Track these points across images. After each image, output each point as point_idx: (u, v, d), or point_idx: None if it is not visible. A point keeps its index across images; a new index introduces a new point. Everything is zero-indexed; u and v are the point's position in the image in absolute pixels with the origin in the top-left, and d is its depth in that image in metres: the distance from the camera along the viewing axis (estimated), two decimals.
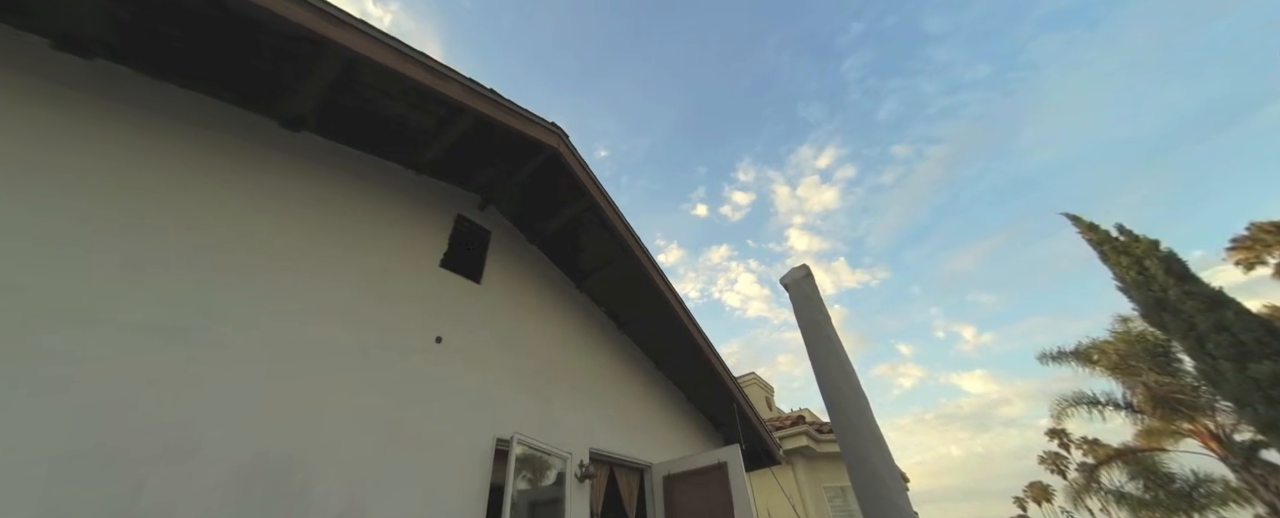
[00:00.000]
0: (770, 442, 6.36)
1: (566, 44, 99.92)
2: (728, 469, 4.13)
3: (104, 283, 1.88)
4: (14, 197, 1.80)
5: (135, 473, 1.71)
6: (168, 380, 1.89)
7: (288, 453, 2.12)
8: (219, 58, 2.45)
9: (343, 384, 2.47)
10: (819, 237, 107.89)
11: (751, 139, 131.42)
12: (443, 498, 2.65)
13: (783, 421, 8.21)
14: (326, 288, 2.64)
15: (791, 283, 2.27)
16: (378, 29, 2.44)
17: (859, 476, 1.68)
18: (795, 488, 7.49)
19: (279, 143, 2.81)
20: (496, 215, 4.23)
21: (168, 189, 2.23)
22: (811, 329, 2.08)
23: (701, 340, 5.21)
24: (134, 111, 2.26)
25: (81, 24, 2.06)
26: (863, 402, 1.85)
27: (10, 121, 1.90)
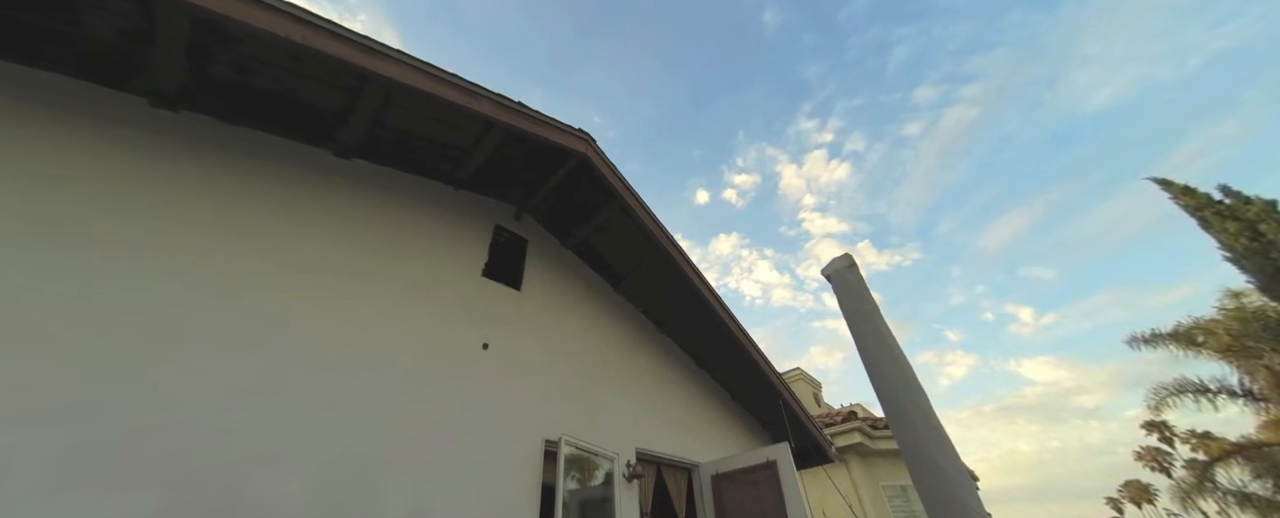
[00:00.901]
0: (821, 439, 6.14)
1: (538, 22, 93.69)
2: (778, 468, 4.03)
3: (202, 305, 2.11)
4: (133, 233, 2.06)
5: (235, 473, 1.90)
6: (253, 390, 2.10)
7: (359, 455, 2.29)
8: (281, 101, 2.69)
9: (401, 390, 2.63)
10: (836, 217, 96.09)
11: (746, 112, 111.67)
12: (498, 497, 2.76)
13: (833, 417, 7.89)
14: (382, 301, 2.82)
15: (833, 274, 2.18)
16: (412, 56, 2.59)
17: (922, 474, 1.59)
18: (851, 487, 7.18)
19: (333, 169, 3.04)
20: (532, 223, 4.35)
21: (248, 219, 2.47)
22: (858, 321, 1.99)
23: (742, 337, 5.11)
24: (215, 152, 2.53)
25: (172, 83, 2.32)
26: (920, 396, 1.75)
27: (125, 168, 2.18)
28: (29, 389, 1.62)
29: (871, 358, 1.87)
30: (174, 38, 2.14)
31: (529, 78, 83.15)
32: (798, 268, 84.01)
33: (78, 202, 1.99)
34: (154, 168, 2.28)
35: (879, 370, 1.84)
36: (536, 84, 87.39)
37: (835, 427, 7.38)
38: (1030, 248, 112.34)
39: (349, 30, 2.34)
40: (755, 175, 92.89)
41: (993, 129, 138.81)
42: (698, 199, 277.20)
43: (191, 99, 2.49)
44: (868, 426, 7.48)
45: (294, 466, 2.06)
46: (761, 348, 5.34)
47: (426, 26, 74.61)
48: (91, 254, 1.93)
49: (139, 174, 2.22)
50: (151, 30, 2.12)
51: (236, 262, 2.33)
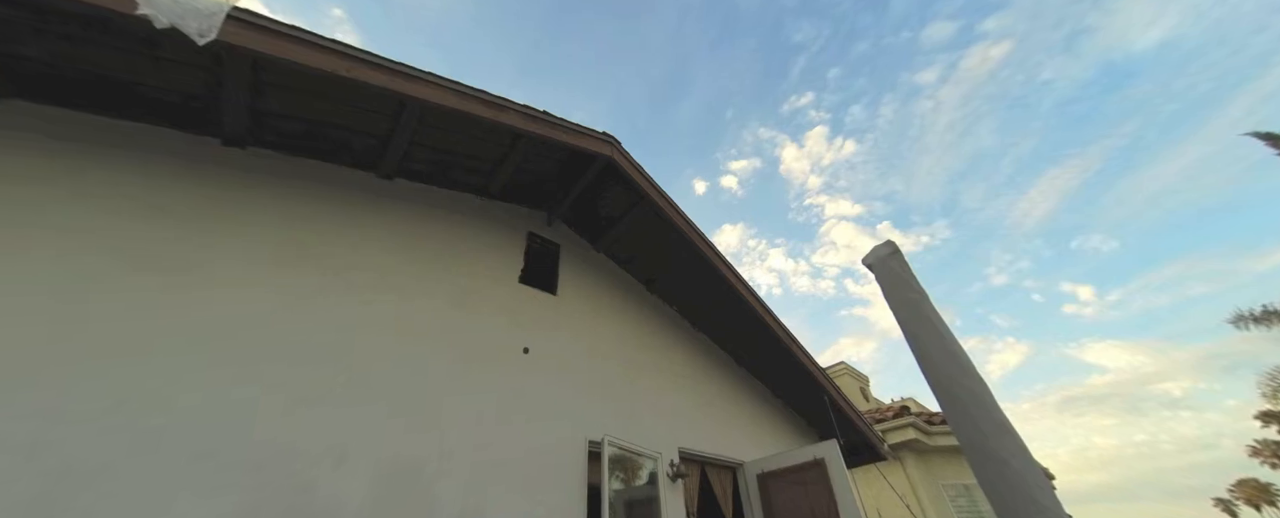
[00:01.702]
0: (871, 436, 5.87)
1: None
2: (827, 466, 3.89)
3: (271, 321, 2.31)
4: (214, 260, 2.29)
5: (307, 475, 2.07)
6: (316, 398, 2.27)
7: (413, 458, 2.42)
8: (331, 131, 2.89)
9: (449, 396, 2.76)
10: (848, 199, 73.63)
11: (733, 88, 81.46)
12: (546, 498, 2.83)
13: (884, 413, 7.52)
14: (428, 311, 2.97)
15: (876, 262, 2.08)
16: (441, 76, 2.70)
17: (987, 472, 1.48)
18: (907, 486, 6.81)
19: (378, 190, 3.23)
20: (563, 229, 4.44)
21: (308, 241, 2.67)
22: (907, 311, 1.88)
23: (780, 332, 4.97)
24: (278, 181, 2.76)
25: (239, 124, 2.56)
26: (980, 388, 1.63)
27: (205, 202, 2.42)
28: (128, 402, 1.83)
29: (923, 350, 1.76)
30: (240, 83, 2.36)
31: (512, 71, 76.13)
32: (814, 256, 67.76)
33: (168, 233, 2.23)
34: (230, 199, 2.51)
35: (932, 363, 1.73)
36: (523, 73, 77.08)
37: (886, 423, 7.03)
38: (1083, 214, 74.51)
39: (386, 59, 2.48)
40: (754, 160, 73.98)
41: (1026, 69, 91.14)
42: (696, 190, 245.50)
43: (255, 135, 2.72)
44: (923, 421, 7.07)
45: (356, 468, 2.21)
46: (802, 342, 5.18)
47: (400, 28, 68.60)
48: (179, 280, 2.16)
49: (217, 206, 2.45)
50: (220, 79, 2.34)
51: (300, 280, 2.52)
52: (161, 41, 2.06)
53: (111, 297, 1.96)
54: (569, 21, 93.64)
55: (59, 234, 1.97)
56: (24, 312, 1.78)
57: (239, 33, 1.99)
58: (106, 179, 2.20)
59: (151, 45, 2.12)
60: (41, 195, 2.00)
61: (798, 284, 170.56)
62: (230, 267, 2.33)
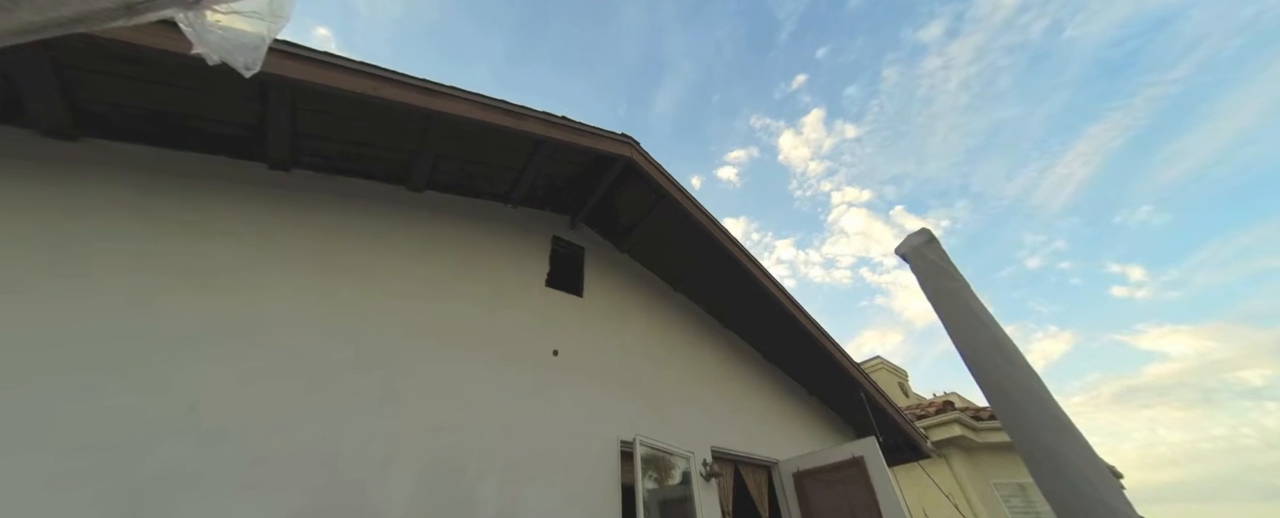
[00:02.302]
0: (913, 433, 5.64)
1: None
2: (866, 464, 3.76)
3: (316, 333, 2.45)
4: (266, 276, 2.45)
5: (356, 476, 2.18)
6: (360, 404, 2.39)
7: (452, 460, 2.51)
8: (364, 149, 3.04)
9: (483, 400, 2.84)
10: (856, 186, 53.30)
11: (719, 63, 48.16)
12: (581, 498, 2.87)
13: (925, 408, 7.20)
14: (459, 318, 3.07)
15: (911, 252, 1.99)
16: (463, 90, 2.79)
17: (1045, 472, 1.39)
18: (954, 484, 6.49)
19: (409, 202, 3.37)
20: (586, 231, 4.49)
21: (348, 255, 2.82)
22: (946, 301, 1.79)
23: (810, 327, 4.85)
24: (317, 199, 2.92)
25: (283, 149, 2.73)
26: (1033, 381, 1.53)
27: (255, 224, 2.60)
28: (196, 408, 1.99)
29: (967, 342, 1.68)
30: (282, 110, 2.51)
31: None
32: (824, 246, 50.78)
33: (225, 252, 2.41)
34: (278, 218, 2.69)
35: (977, 356, 1.64)
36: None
37: (929, 419, 6.72)
38: (1127, 182, 43.89)
39: (411, 77, 2.58)
40: (751, 149, 52.10)
41: (1051, 10, 54.76)
42: (692, 185, 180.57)
43: (296, 158, 2.90)
44: (969, 416, 6.72)
45: (400, 471, 2.31)
46: (834, 338, 5.03)
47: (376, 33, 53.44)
48: (234, 295, 2.32)
49: (266, 225, 2.63)
50: (265, 108, 2.50)
51: (342, 291, 2.67)
52: (213, 76, 2.22)
53: (176, 311, 2.14)
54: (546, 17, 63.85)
55: (131, 258, 2.16)
56: (104, 326, 1.96)
57: (279, 63, 2.13)
58: (171, 205, 2.39)
59: (204, 80, 2.30)
60: (116, 222, 2.21)
61: (810, 276, 55.24)
62: (279, 281, 2.49)
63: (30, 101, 2.12)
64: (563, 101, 41.32)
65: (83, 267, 2.03)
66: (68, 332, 1.88)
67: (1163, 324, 50.12)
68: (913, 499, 6.47)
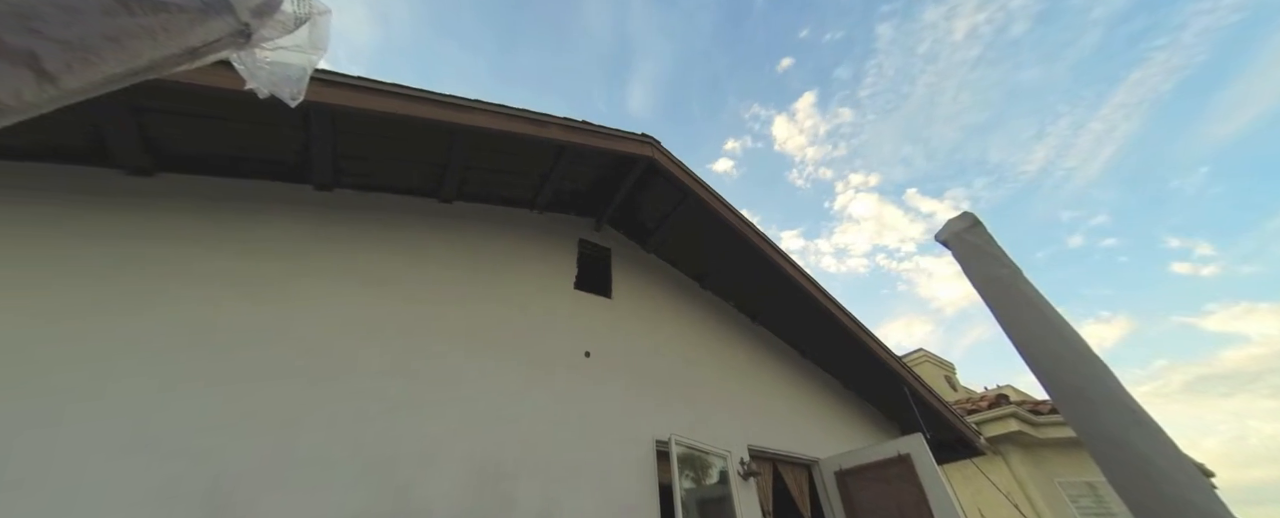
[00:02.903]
0: (964, 429, 5.34)
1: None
2: (913, 462, 3.60)
3: (363, 335, 2.60)
4: (311, 289, 2.63)
5: (404, 478, 2.30)
6: (404, 407, 2.51)
7: (492, 460, 2.59)
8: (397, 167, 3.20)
9: (519, 402, 2.92)
10: (861, 172, 31.62)
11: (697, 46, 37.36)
12: (619, 498, 2.90)
13: (977, 402, 6.79)
14: (493, 320, 3.17)
15: (952, 238, 1.88)
16: (486, 102, 2.88)
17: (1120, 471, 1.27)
18: (1013, 483, 6.09)
19: (440, 213, 3.51)
20: (612, 232, 4.53)
21: (384, 267, 2.98)
22: (995, 289, 1.68)
23: (846, 320, 4.68)
24: (356, 215, 3.10)
25: (326, 172, 2.92)
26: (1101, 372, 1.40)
27: (301, 240, 2.79)
28: (258, 414, 2.15)
29: (1023, 332, 1.57)
30: (324, 135, 2.69)
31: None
32: (834, 235, 43.29)
33: (280, 269, 2.59)
34: (323, 234, 2.87)
35: (1035, 346, 1.53)
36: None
37: (981, 414, 6.34)
38: (1179, 140, 22.97)
39: (438, 94, 2.69)
40: (744, 138, 44.87)
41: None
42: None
43: (336, 178, 3.08)
44: (1027, 410, 6.28)
45: (444, 470, 2.42)
46: (873, 331, 4.83)
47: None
48: (287, 310, 2.50)
49: (313, 242, 2.81)
50: (309, 134, 2.68)
51: (382, 300, 2.81)
52: (264, 109, 2.40)
53: (239, 326, 2.32)
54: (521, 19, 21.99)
55: (201, 280, 2.37)
56: (183, 339, 2.16)
57: (319, 91, 2.27)
58: (231, 227, 2.61)
59: (256, 113, 2.48)
60: (189, 247, 2.42)
61: (823, 267, 46.74)
62: (326, 294, 2.66)
63: (113, 144, 2.37)
64: (545, 107, 40.58)
65: (159, 286, 2.24)
66: (152, 347, 2.08)
67: (1237, 303, 40.72)
68: (967, 499, 6.12)
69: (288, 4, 0.87)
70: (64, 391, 1.84)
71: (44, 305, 1.98)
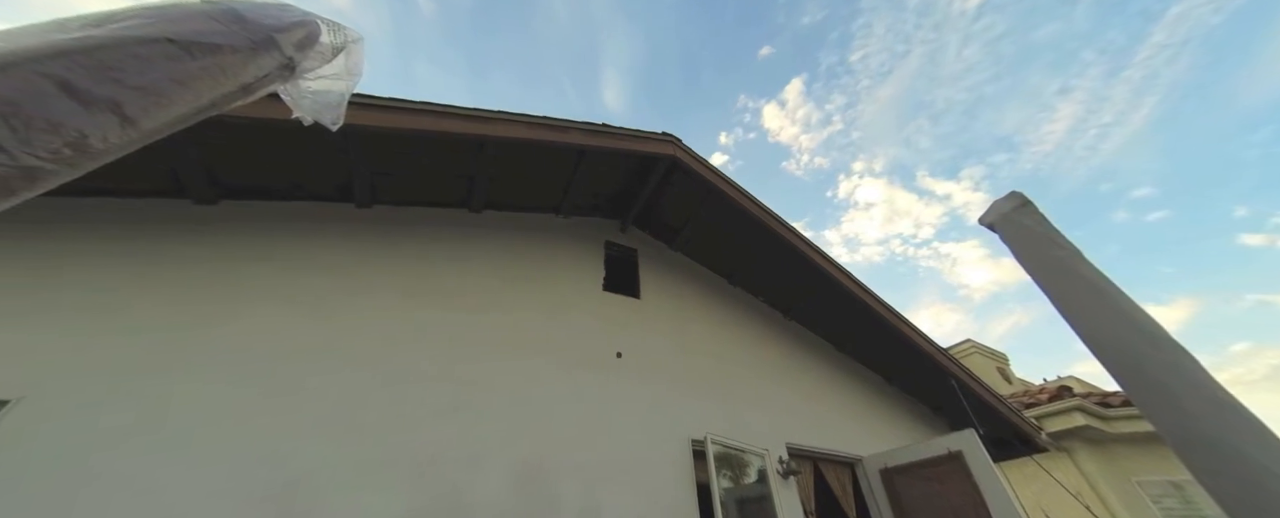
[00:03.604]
0: (1021, 424, 5.00)
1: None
2: (965, 459, 3.41)
3: (407, 344, 2.73)
4: (359, 302, 2.79)
5: (454, 478, 2.40)
6: (448, 411, 2.61)
7: (534, 461, 2.66)
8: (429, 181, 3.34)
9: (556, 404, 2.98)
10: (862, 159, 37.09)
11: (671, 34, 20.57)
12: (659, 498, 2.91)
13: (1035, 395, 6.34)
14: (528, 324, 3.26)
15: (999, 220, 1.76)
16: (509, 112, 2.96)
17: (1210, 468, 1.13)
18: (1082, 482, 5.64)
19: (471, 222, 3.64)
20: (637, 233, 4.54)
21: (425, 274, 3.12)
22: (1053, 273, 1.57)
23: (884, 312, 4.49)
24: (396, 229, 3.26)
25: (366, 192, 3.10)
26: (1182, 358, 1.26)
27: (347, 256, 2.96)
28: (325, 420, 2.30)
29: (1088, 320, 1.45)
30: (366, 156, 2.85)
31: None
32: (842, 225, 42.49)
33: (330, 284, 2.77)
34: (366, 249, 3.04)
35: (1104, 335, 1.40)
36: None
37: (1041, 407, 5.91)
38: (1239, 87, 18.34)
39: (464, 108, 2.79)
40: (736, 131, 37.96)
41: None
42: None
43: (375, 195, 3.26)
44: (1094, 403, 5.80)
45: (490, 471, 2.50)
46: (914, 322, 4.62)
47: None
48: (337, 322, 2.66)
49: (357, 257, 2.99)
50: (349, 157, 2.85)
51: (423, 309, 2.95)
52: (307, 135, 2.57)
53: (300, 338, 2.50)
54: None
55: (263, 297, 2.56)
56: (256, 354, 2.35)
57: (356, 114, 2.41)
58: (286, 247, 2.81)
59: (302, 140, 2.66)
60: (251, 266, 2.63)
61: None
62: (373, 307, 2.81)
63: (183, 178, 2.60)
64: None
65: (228, 304, 2.45)
66: (223, 359, 2.27)
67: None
68: (1029, 498, 5.72)
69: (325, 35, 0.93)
70: (152, 398, 2.04)
71: (129, 323, 2.21)
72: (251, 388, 2.24)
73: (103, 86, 0.50)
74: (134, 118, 0.53)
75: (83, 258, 2.30)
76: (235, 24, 0.69)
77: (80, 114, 0.47)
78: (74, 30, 0.51)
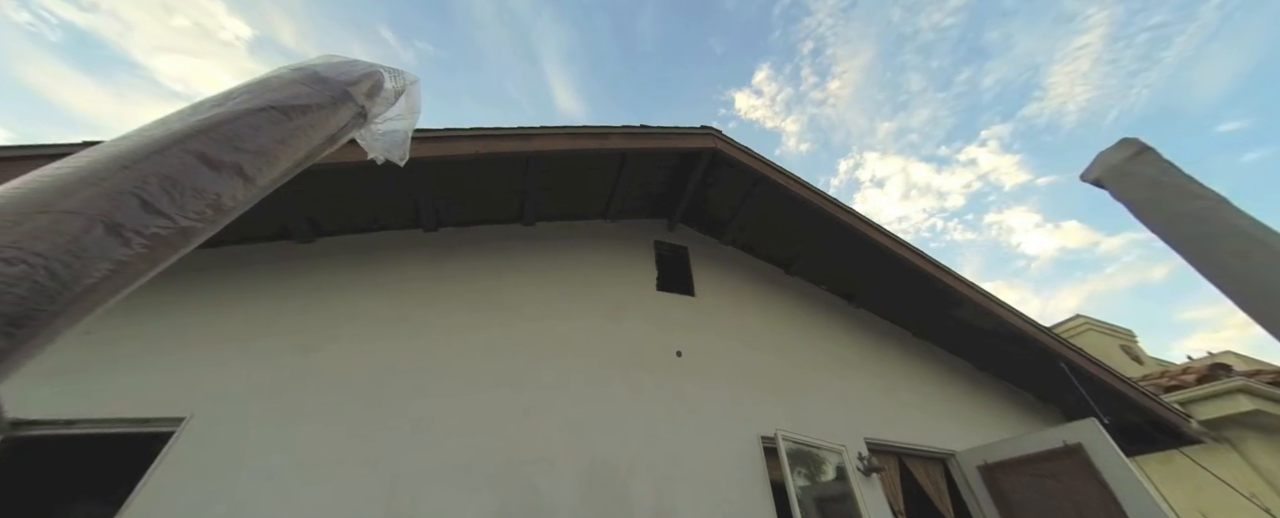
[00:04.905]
0: (1161, 410, 4.27)
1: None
2: (1087, 453, 2.98)
3: (479, 354, 2.95)
4: (438, 319, 3.06)
5: (531, 478, 2.55)
6: (522, 415, 2.77)
7: (606, 461, 2.74)
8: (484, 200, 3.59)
9: (622, 403, 3.05)
10: (871, 152, 29.56)
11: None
12: (730, 495, 2.87)
13: (1177, 376, 5.36)
14: (587, 329, 3.37)
15: (1109, 174, 1.48)
16: (551, 127, 3.09)
17: None
18: (1255, 479, 4.66)
19: (525, 235, 3.84)
20: (686, 230, 4.52)
21: (490, 288, 3.35)
22: (1192, 228, 1.30)
23: (968, 291, 4.05)
24: (458, 248, 3.54)
25: (431, 217, 3.41)
26: None
27: (416, 280, 3.27)
28: (422, 428, 2.55)
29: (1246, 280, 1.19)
30: (424, 184, 3.13)
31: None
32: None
33: (406, 303, 3.07)
34: (435, 269, 3.34)
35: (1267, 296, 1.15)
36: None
37: (1188, 390, 4.98)
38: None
39: (509, 129, 2.97)
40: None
41: None
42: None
43: (438, 219, 3.56)
44: (1265, 383, 4.77)
45: (563, 472, 2.62)
46: (1002, 298, 4.12)
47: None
48: (424, 339, 2.94)
49: (430, 277, 3.28)
50: (414, 187, 3.15)
51: (491, 320, 3.16)
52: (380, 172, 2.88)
53: (391, 354, 2.79)
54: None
55: (359, 318, 2.90)
56: (357, 372, 2.67)
57: (417, 147, 2.66)
58: (372, 272, 3.16)
59: (375, 176, 2.99)
60: (345, 293, 3.00)
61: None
62: (448, 323, 3.07)
63: (288, 223, 3.03)
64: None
65: (332, 327, 2.81)
66: (336, 379, 2.61)
67: None
68: (1179, 499, 4.84)
69: (388, 81, 1.05)
70: (281, 412, 2.40)
71: (259, 348, 2.60)
72: (354, 400, 2.55)
73: (228, 154, 0.61)
74: (252, 177, 0.64)
75: (216, 297, 2.76)
76: (318, 84, 0.81)
77: (215, 179, 0.58)
78: (205, 111, 0.63)
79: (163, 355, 2.41)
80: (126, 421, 2.19)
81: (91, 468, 2.93)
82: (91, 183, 0.49)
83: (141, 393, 2.26)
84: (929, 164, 24.96)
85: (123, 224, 0.48)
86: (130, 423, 2.19)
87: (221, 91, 0.70)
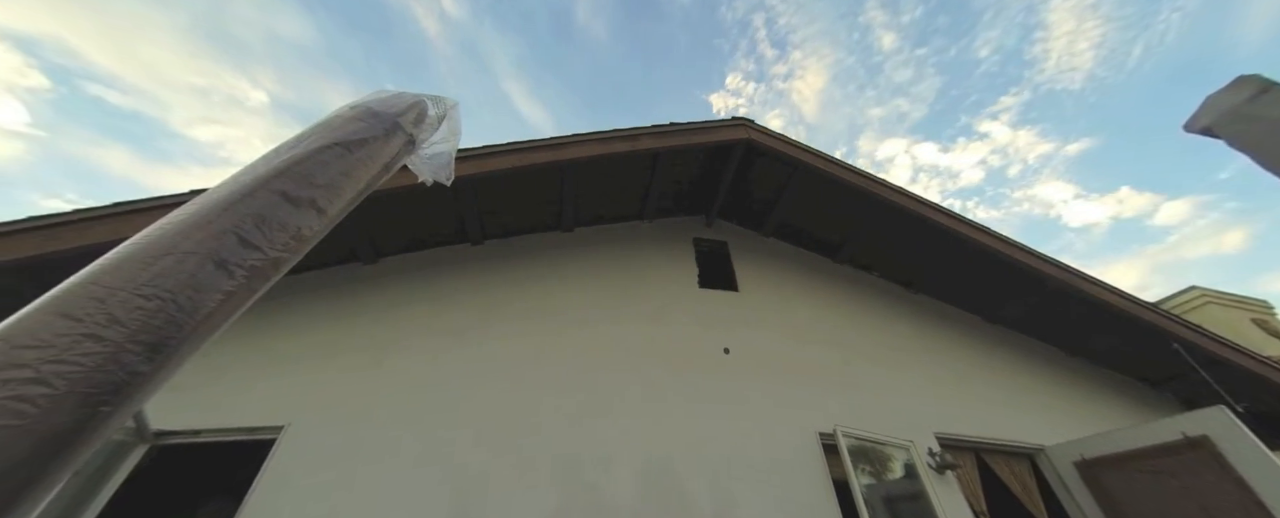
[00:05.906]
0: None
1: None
2: (1216, 445, 2.60)
3: (537, 358, 3.07)
4: (492, 329, 3.23)
5: (590, 478, 2.61)
6: (580, 416, 2.85)
7: (663, 459, 2.75)
8: (524, 211, 3.73)
9: (674, 402, 3.05)
10: (881, 141, 46.74)
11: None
12: (791, 493, 2.78)
13: None
14: (634, 331, 3.40)
15: (1220, 121, 1.28)
16: (582, 134, 3.15)
17: None
18: None
19: (566, 242, 3.95)
20: (724, 225, 4.44)
21: (539, 296, 3.47)
22: None
23: (1048, 268, 3.66)
24: (504, 260, 3.70)
25: (477, 233, 3.60)
26: None
27: (460, 292, 3.46)
28: (485, 432, 2.70)
29: None
30: (476, 203, 3.31)
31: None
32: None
33: (464, 314, 3.26)
34: (484, 280, 3.52)
35: None
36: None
37: None
38: None
39: (543, 140, 3.07)
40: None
41: None
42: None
43: (483, 233, 3.74)
44: None
45: (622, 469, 2.66)
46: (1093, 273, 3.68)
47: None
48: (482, 349, 3.11)
49: (480, 287, 3.46)
50: (460, 205, 3.34)
51: (546, 327, 3.28)
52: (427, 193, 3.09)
53: (453, 363, 2.98)
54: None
55: (426, 332, 3.12)
56: (417, 379, 2.87)
57: (460, 166, 2.82)
58: (428, 288, 3.39)
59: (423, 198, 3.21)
60: (409, 309, 3.23)
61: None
62: (504, 331, 3.22)
63: (355, 246, 3.33)
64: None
65: (402, 339, 3.04)
66: (407, 388, 2.83)
67: None
68: None
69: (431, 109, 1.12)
70: (362, 420, 2.63)
71: (335, 364, 2.87)
72: (424, 405, 2.74)
73: (304, 190, 0.68)
74: (325, 209, 0.71)
75: (301, 319, 3.07)
76: (372, 119, 0.88)
77: (295, 214, 0.65)
78: (284, 153, 0.71)
79: (260, 372, 2.72)
80: (239, 429, 2.49)
81: (221, 470, 3.37)
82: (201, 226, 0.57)
83: (249, 406, 2.57)
84: (934, 143, 21.99)
85: (227, 259, 0.56)
86: (242, 432, 2.49)
87: (294, 135, 0.79)
